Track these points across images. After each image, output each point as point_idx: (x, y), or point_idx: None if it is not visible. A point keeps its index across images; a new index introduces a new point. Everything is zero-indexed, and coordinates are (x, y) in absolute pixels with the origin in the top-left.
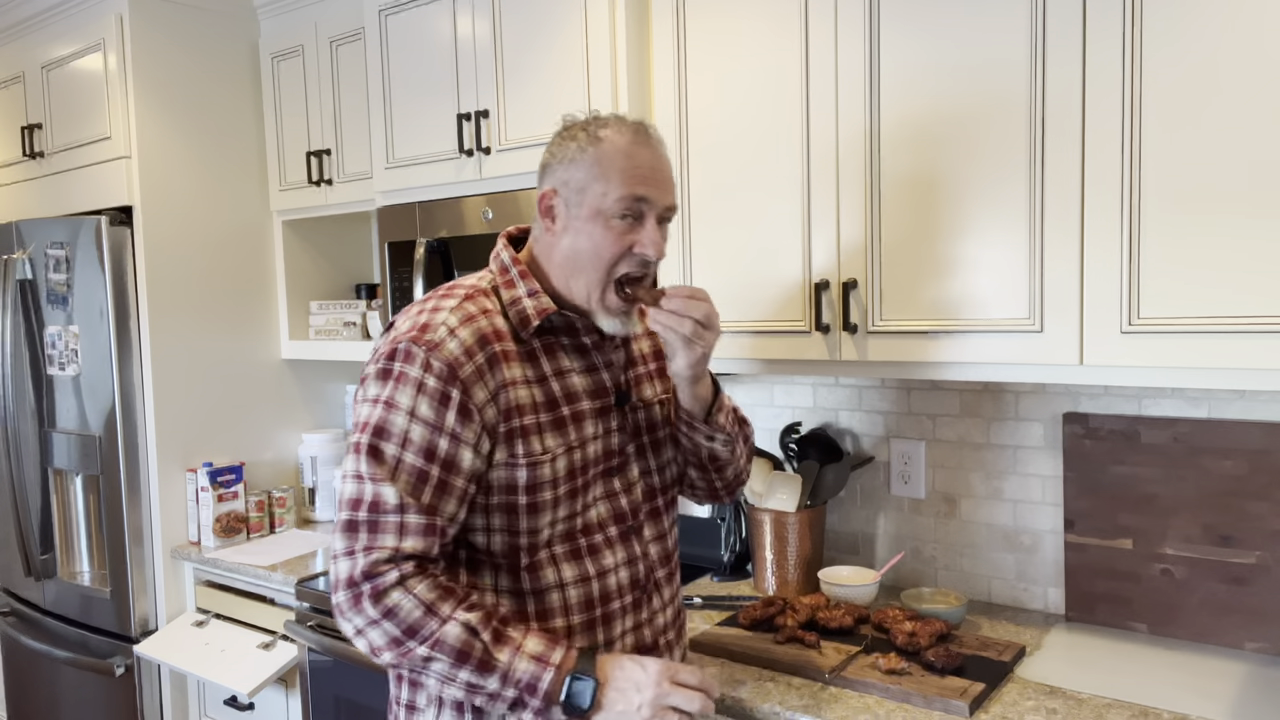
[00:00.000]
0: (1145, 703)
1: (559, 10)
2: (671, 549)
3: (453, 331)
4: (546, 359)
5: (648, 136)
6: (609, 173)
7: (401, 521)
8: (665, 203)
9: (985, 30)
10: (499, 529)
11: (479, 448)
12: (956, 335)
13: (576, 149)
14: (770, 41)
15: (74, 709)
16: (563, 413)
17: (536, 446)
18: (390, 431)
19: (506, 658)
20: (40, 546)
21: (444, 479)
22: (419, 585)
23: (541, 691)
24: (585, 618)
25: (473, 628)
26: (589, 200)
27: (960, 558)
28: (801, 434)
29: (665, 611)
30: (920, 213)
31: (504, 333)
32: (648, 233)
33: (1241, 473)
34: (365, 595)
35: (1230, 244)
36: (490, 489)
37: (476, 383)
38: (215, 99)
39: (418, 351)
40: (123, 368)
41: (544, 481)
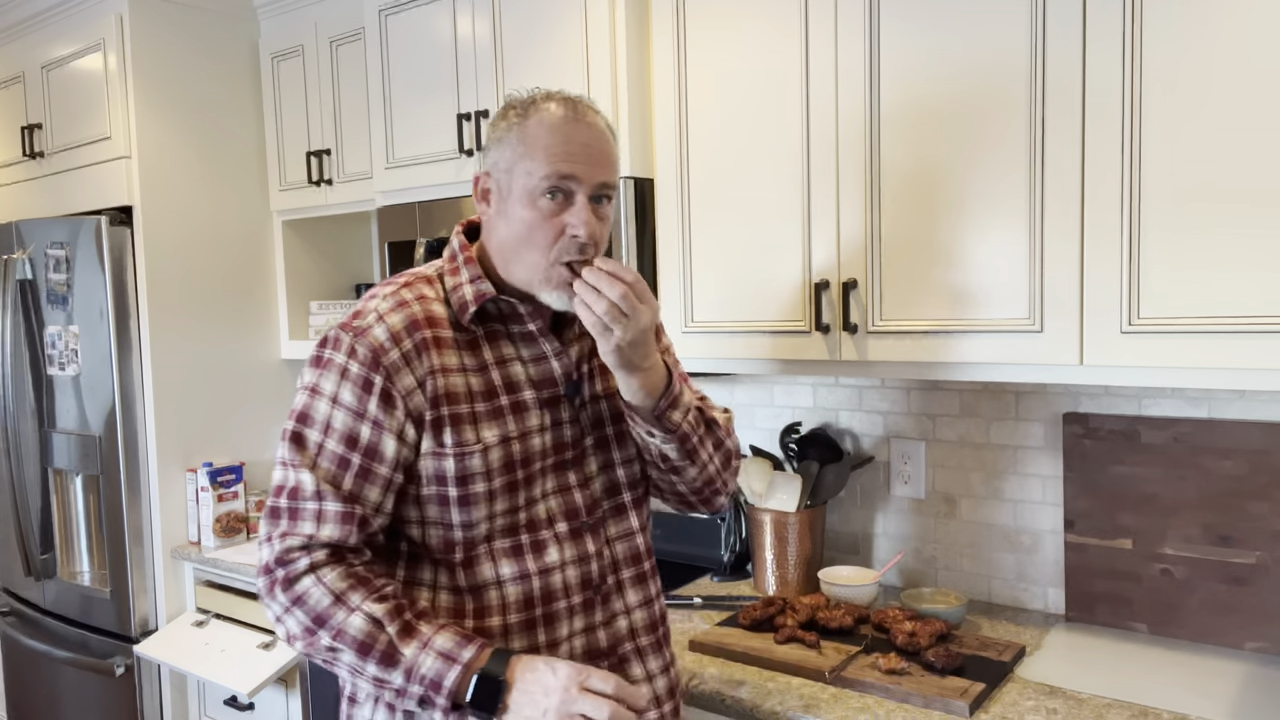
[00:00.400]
0: (1145, 703)
1: (559, 10)
2: (642, 549)
3: (381, 317)
4: (489, 347)
5: (578, 111)
6: (534, 150)
7: (319, 509)
8: (598, 180)
9: (985, 28)
10: (433, 522)
11: (403, 436)
12: (956, 335)
13: (505, 128)
14: (770, 40)
15: (74, 709)
16: (501, 402)
17: (469, 436)
18: (313, 418)
19: (412, 653)
20: (40, 546)
21: (366, 466)
22: (330, 574)
23: (446, 689)
24: (523, 617)
25: (377, 620)
26: (517, 180)
27: (960, 558)
28: (801, 434)
29: (630, 615)
30: (920, 213)
31: (439, 319)
32: (576, 212)
33: (1241, 473)
34: (278, 582)
35: (1230, 244)
36: (420, 479)
37: (402, 369)
38: (215, 99)
39: (344, 338)
40: (123, 368)
41: (475, 473)
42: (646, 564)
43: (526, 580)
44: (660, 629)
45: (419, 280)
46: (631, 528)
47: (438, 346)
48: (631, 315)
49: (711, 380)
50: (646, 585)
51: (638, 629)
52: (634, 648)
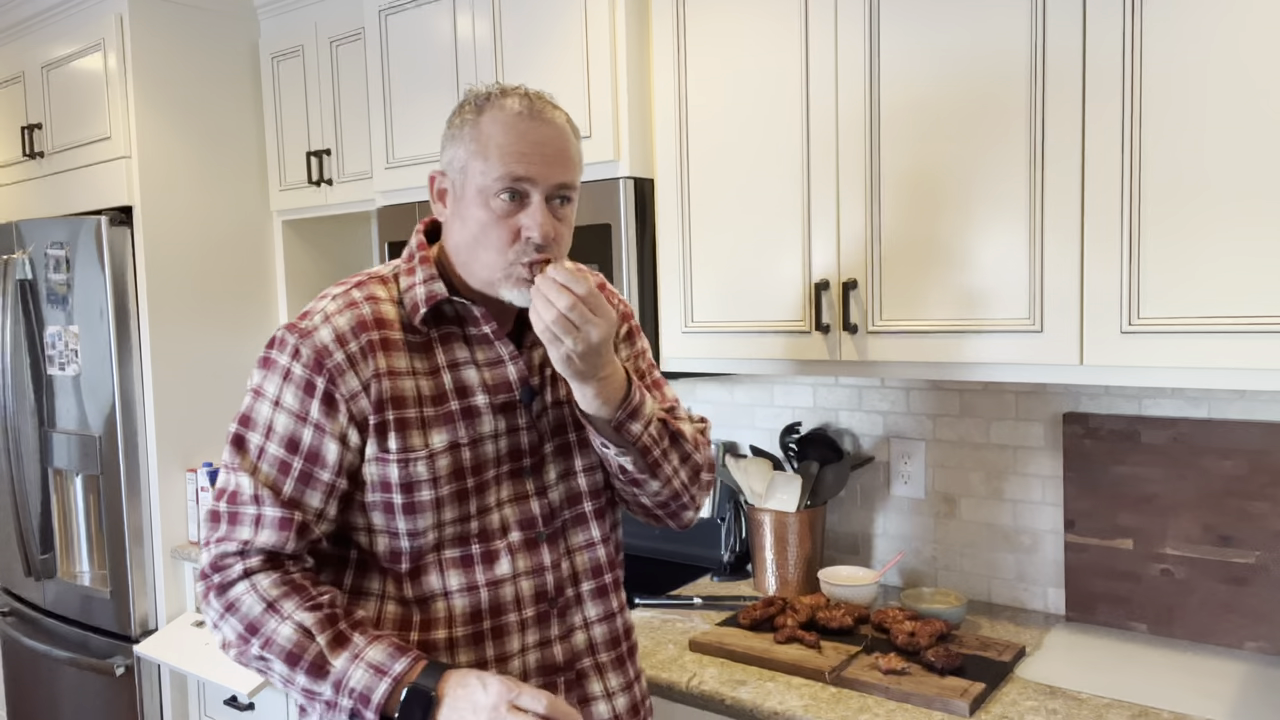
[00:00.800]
0: (1145, 703)
1: (559, 10)
2: (606, 560)
3: (328, 318)
4: (442, 350)
5: (534, 108)
6: (487, 150)
7: (258, 514)
8: (555, 180)
9: (985, 28)
10: (380, 530)
11: (346, 440)
12: (956, 335)
13: (459, 124)
14: (770, 39)
15: (74, 709)
16: (451, 407)
17: (416, 442)
18: (255, 421)
19: (342, 665)
20: (40, 546)
21: (307, 471)
22: (264, 580)
23: (374, 704)
24: (471, 630)
25: (307, 629)
26: (471, 180)
27: (960, 558)
28: (801, 434)
29: (590, 630)
30: (920, 212)
31: (389, 320)
32: (531, 214)
33: (1241, 473)
34: (213, 588)
35: (1230, 244)
36: (365, 486)
37: (346, 372)
38: (215, 99)
39: (289, 339)
40: (123, 368)
41: (420, 480)
42: (609, 576)
43: (474, 592)
44: (623, 644)
45: (372, 280)
46: (593, 538)
47: (385, 348)
48: (581, 327)
49: (711, 380)
50: (609, 598)
51: (597, 644)
52: (593, 664)
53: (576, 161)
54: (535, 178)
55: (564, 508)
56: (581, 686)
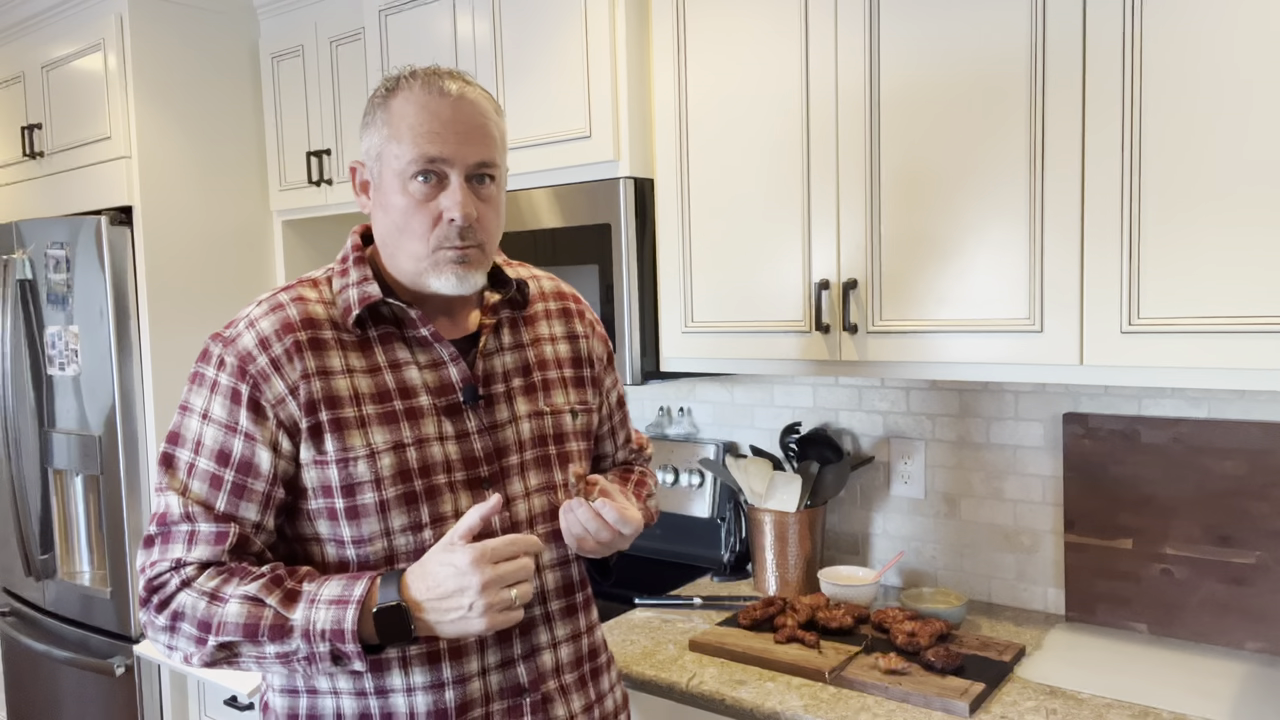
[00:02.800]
0: (1145, 703)
1: (559, 10)
2: (578, 578)
3: (252, 323)
4: (381, 349)
5: (444, 85)
6: (399, 132)
7: (191, 531)
8: (473, 159)
9: (984, 29)
10: (328, 539)
11: (278, 448)
12: (956, 335)
13: (371, 110)
14: (770, 39)
15: (74, 709)
16: (395, 406)
17: (355, 441)
18: (184, 437)
19: (301, 614)
20: (40, 546)
21: (240, 483)
22: (201, 579)
23: (348, 632)
24: (426, 648)
25: (254, 598)
26: (388, 166)
27: (960, 558)
28: (801, 434)
29: (559, 649)
30: (920, 213)
31: (319, 320)
32: (450, 194)
33: (1241, 473)
34: (153, 607)
35: (1230, 244)
36: (307, 493)
37: (271, 376)
38: (215, 99)
39: (214, 349)
40: (123, 368)
41: (362, 481)
42: (580, 595)
43: None
44: (586, 665)
45: (302, 283)
46: (566, 556)
47: (315, 348)
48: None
49: (711, 380)
50: (577, 618)
51: (563, 664)
52: (558, 685)
53: (497, 139)
54: (450, 157)
55: (536, 523)
56: (546, 709)
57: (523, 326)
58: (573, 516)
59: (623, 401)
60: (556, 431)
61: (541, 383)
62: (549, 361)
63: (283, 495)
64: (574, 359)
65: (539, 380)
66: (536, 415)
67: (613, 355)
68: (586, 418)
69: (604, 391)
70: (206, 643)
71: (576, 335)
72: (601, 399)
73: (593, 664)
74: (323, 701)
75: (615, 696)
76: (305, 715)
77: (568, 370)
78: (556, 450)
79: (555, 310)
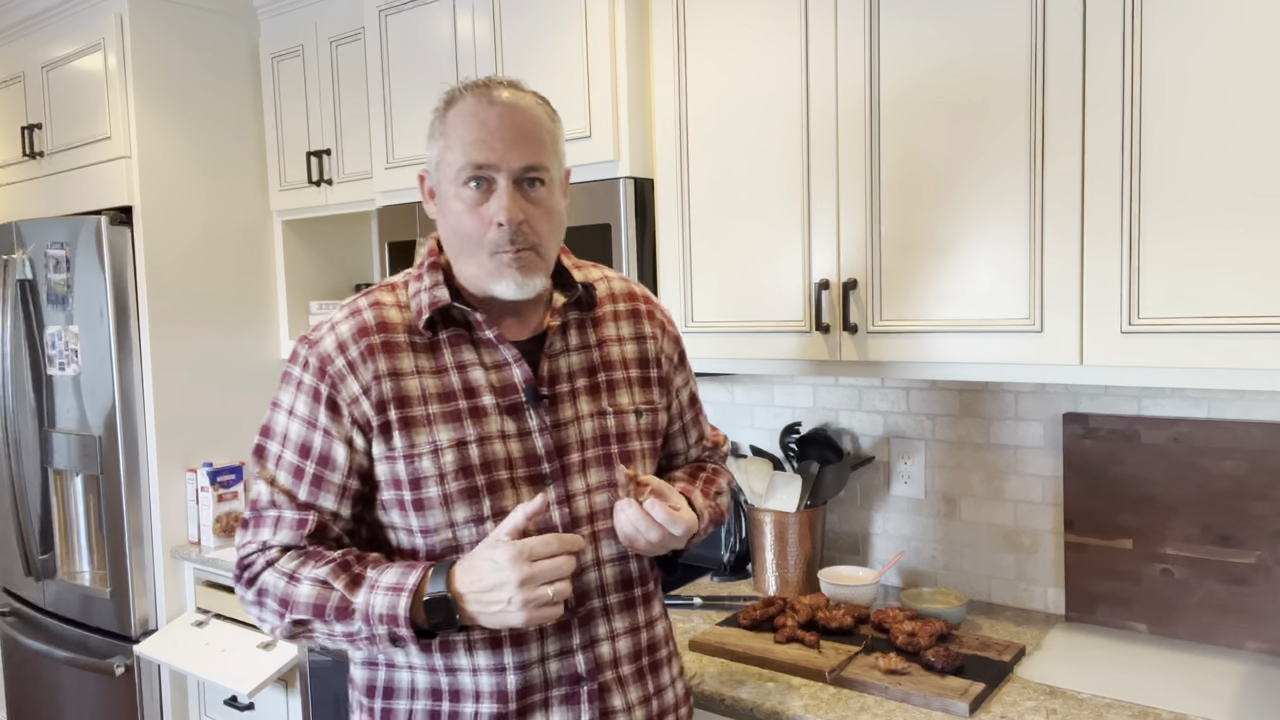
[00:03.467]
0: (1145, 703)
1: (559, 10)
2: (637, 574)
3: (333, 327)
4: (450, 351)
5: (495, 93)
6: (453, 142)
7: (277, 516)
8: (519, 163)
9: (984, 29)
10: (400, 528)
11: (352, 443)
12: (956, 335)
13: (433, 122)
14: (770, 38)
15: (74, 709)
16: (459, 405)
17: (422, 438)
18: (274, 431)
19: (363, 598)
20: (40, 546)
21: (319, 475)
22: (282, 560)
23: (402, 618)
24: (488, 633)
25: (324, 581)
26: (445, 174)
27: (960, 558)
28: (801, 434)
29: (617, 642)
30: (920, 212)
31: (394, 324)
32: (497, 198)
33: (1241, 473)
34: (243, 583)
35: (1230, 244)
36: (380, 485)
37: (347, 377)
38: (215, 99)
39: (300, 351)
40: (123, 368)
41: (427, 475)
42: (639, 590)
43: None
44: (645, 659)
45: (382, 288)
46: (625, 552)
47: (387, 350)
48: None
49: (711, 380)
50: (635, 612)
51: (620, 657)
52: (615, 677)
53: (547, 142)
54: (497, 163)
55: (596, 519)
56: (603, 699)
57: (590, 328)
58: (623, 516)
59: (695, 399)
60: (619, 431)
61: (606, 383)
62: (615, 362)
63: (358, 486)
64: (641, 359)
65: (604, 381)
66: (599, 415)
67: (684, 355)
68: (652, 417)
69: (674, 390)
70: (285, 618)
71: (645, 336)
72: (671, 398)
73: (652, 657)
74: (399, 675)
75: (676, 691)
76: (382, 686)
77: (634, 371)
78: (619, 449)
79: (624, 311)
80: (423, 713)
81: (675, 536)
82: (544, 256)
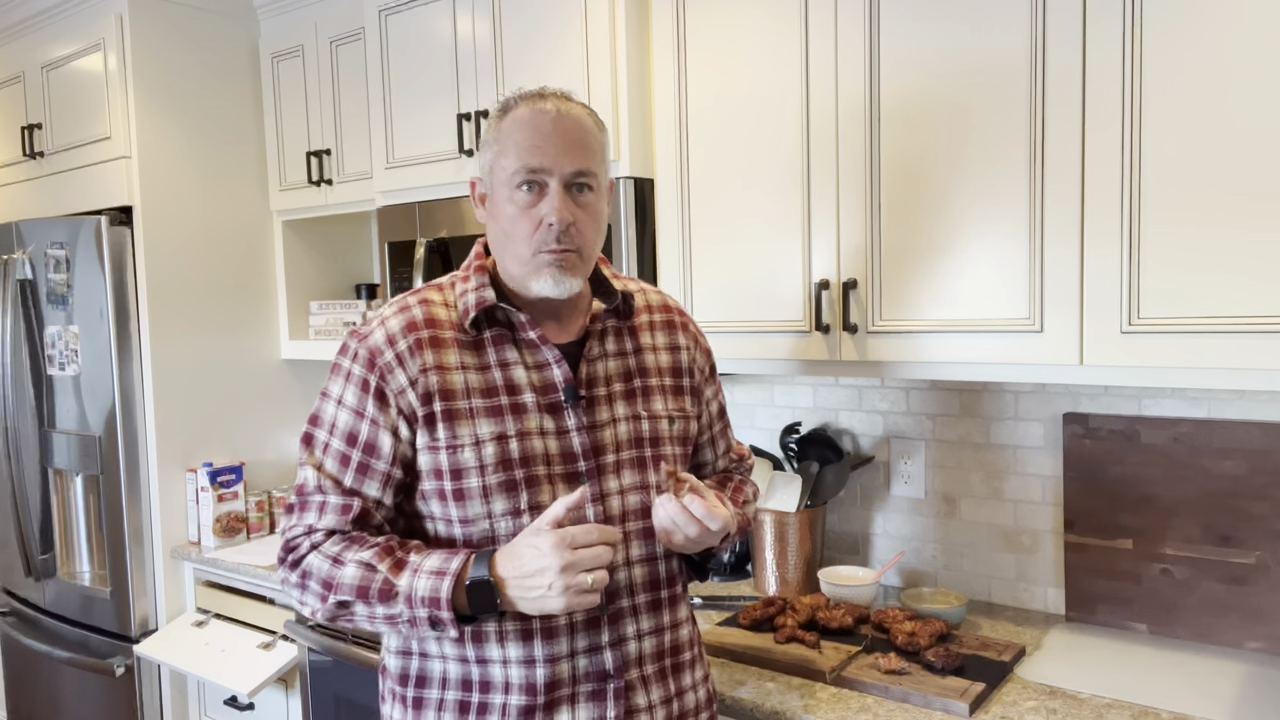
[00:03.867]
0: (1145, 703)
1: (559, 10)
2: (665, 575)
3: (383, 322)
4: (493, 350)
5: (548, 102)
6: (507, 147)
7: (323, 501)
8: (570, 168)
9: (985, 29)
10: (439, 518)
11: (398, 433)
12: (956, 335)
13: (487, 130)
14: (771, 39)
15: (74, 709)
16: (500, 401)
17: (464, 431)
18: (322, 419)
19: (406, 581)
20: (40, 546)
21: (364, 462)
22: (327, 543)
23: (444, 601)
24: (520, 626)
25: (368, 563)
26: (497, 178)
27: (960, 558)
28: (801, 434)
29: (643, 641)
30: (920, 213)
31: (441, 321)
32: (549, 200)
33: (1241, 473)
34: (287, 565)
35: (1230, 244)
36: (421, 475)
37: (395, 369)
38: (215, 99)
39: (351, 344)
40: (123, 368)
41: (468, 467)
42: (665, 592)
43: None
44: (668, 659)
45: (429, 288)
46: (654, 553)
47: (435, 345)
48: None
49: None
50: (661, 613)
51: (645, 656)
52: (640, 675)
53: (596, 151)
54: (550, 167)
55: (628, 519)
56: (628, 697)
57: (627, 335)
58: (662, 511)
59: (723, 412)
60: (653, 435)
61: (642, 389)
62: (650, 369)
63: (400, 476)
64: (674, 369)
65: (639, 386)
66: (634, 418)
67: (715, 367)
68: (684, 424)
69: (704, 401)
70: (328, 599)
71: (679, 346)
72: (701, 408)
73: (674, 659)
74: (431, 664)
75: (698, 695)
76: (415, 675)
77: (668, 379)
78: (652, 453)
79: (660, 322)
80: (453, 702)
81: (712, 532)
82: (585, 259)
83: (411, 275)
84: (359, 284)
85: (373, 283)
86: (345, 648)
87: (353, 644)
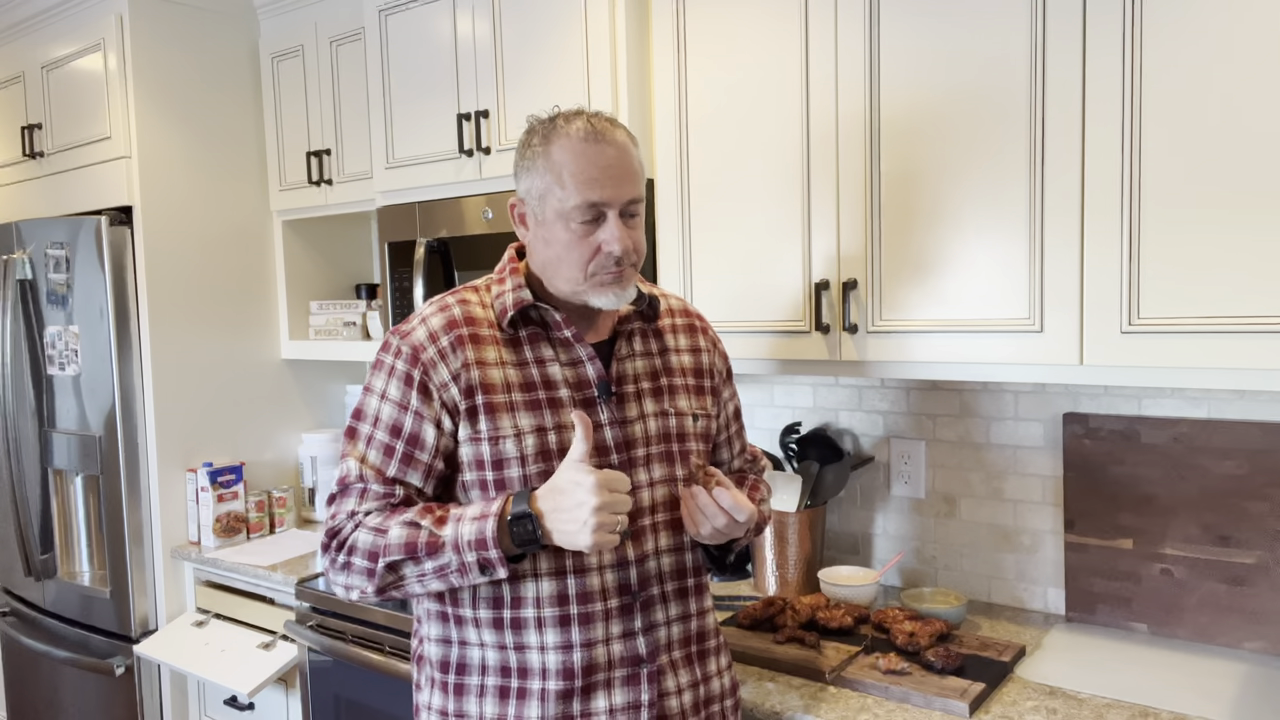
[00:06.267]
0: (1145, 703)
1: (559, 10)
2: (691, 565)
3: (424, 320)
4: (529, 347)
5: (597, 132)
6: (563, 178)
7: (365, 489)
8: (626, 198)
9: (985, 30)
10: None
11: (440, 425)
12: (956, 335)
13: (531, 156)
14: (771, 40)
15: (74, 709)
16: (539, 396)
17: (505, 423)
18: (366, 413)
19: (450, 530)
20: (40, 546)
21: (408, 453)
22: (369, 518)
23: (490, 539)
24: (558, 613)
25: (412, 521)
26: (550, 206)
27: (960, 558)
28: (801, 434)
29: (671, 628)
30: (920, 213)
31: (479, 319)
32: (609, 229)
33: (1241, 473)
34: (331, 548)
35: (1230, 244)
36: (463, 466)
37: (438, 364)
38: (215, 99)
39: (393, 341)
40: (123, 368)
41: (509, 458)
42: (691, 580)
43: (561, 578)
44: (694, 646)
45: (465, 289)
46: (680, 544)
47: (475, 342)
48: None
49: None
50: (687, 601)
51: (673, 642)
52: (669, 660)
53: (640, 174)
54: (609, 200)
55: (656, 510)
56: (659, 680)
57: (653, 337)
58: (692, 502)
59: (739, 414)
60: (679, 431)
61: (668, 387)
62: (675, 370)
63: (442, 467)
64: (696, 369)
65: (665, 385)
66: (662, 415)
67: (731, 371)
68: (706, 422)
69: (722, 402)
70: (376, 569)
71: (700, 349)
72: (720, 409)
73: (700, 645)
74: (471, 652)
75: (723, 681)
76: (455, 663)
77: (691, 379)
78: (679, 448)
79: (682, 325)
80: (493, 688)
81: (738, 524)
82: (637, 270)
83: (411, 275)
84: (359, 284)
85: (373, 283)
86: (345, 648)
87: (353, 644)
